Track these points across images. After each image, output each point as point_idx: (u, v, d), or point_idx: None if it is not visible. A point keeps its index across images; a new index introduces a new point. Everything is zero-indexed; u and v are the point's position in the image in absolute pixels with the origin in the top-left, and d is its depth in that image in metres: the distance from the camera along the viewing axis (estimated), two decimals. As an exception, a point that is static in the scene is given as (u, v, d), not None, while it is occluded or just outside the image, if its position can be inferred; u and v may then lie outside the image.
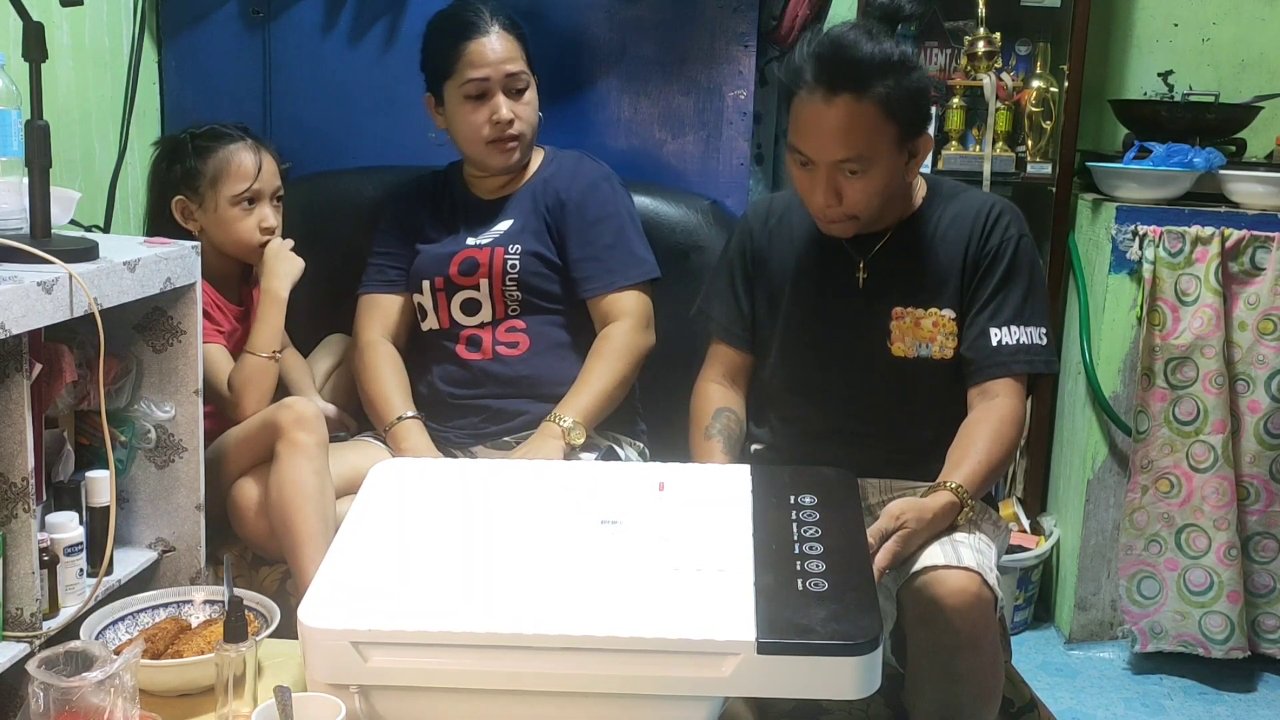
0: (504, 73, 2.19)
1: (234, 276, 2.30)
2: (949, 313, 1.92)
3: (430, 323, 2.29)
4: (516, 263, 2.23)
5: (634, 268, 2.25)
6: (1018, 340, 1.89)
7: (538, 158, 2.33)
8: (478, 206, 2.32)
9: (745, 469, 1.72)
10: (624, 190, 2.34)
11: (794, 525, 1.57)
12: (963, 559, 1.69)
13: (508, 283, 2.23)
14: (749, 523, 1.57)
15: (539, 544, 1.54)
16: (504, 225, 2.27)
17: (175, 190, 2.23)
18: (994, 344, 1.89)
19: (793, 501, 1.62)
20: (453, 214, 2.33)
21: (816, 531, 1.55)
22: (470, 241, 2.27)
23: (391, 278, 2.34)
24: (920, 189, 1.98)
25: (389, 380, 2.24)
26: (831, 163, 1.81)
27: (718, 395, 2.06)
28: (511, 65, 2.20)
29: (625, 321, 2.21)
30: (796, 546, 1.52)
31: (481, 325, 2.26)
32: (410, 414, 2.20)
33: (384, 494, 1.68)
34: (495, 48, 2.19)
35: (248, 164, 2.20)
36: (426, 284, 2.27)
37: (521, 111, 2.22)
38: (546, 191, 2.28)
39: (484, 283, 2.24)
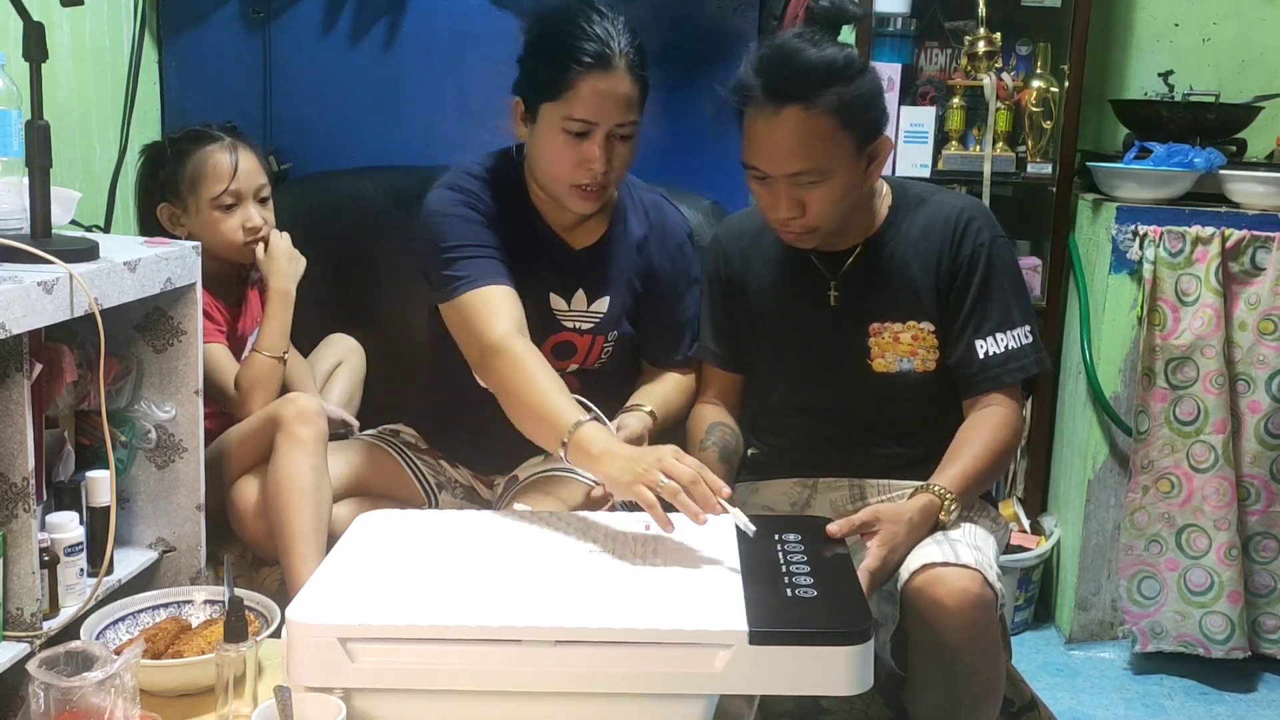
0: (616, 121, 1.90)
1: (230, 278, 2.29)
2: (928, 326, 1.91)
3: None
4: (611, 349, 2.09)
5: (693, 344, 2.12)
6: (1005, 347, 1.88)
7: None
8: (564, 256, 2.05)
9: (729, 519, 1.70)
10: (696, 253, 2.16)
11: (780, 554, 1.57)
12: (961, 557, 1.69)
13: (597, 366, 2.10)
14: (735, 553, 1.56)
15: (529, 562, 1.54)
16: (602, 305, 2.06)
17: (160, 197, 2.23)
18: (981, 357, 1.88)
19: (778, 539, 1.62)
20: (534, 257, 2.02)
21: (803, 558, 1.56)
22: (562, 315, 2.04)
23: (505, 271, 1.94)
24: (885, 199, 1.95)
25: (546, 381, 1.79)
26: (787, 176, 1.79)
27: (710, 413, 2.06)
28: (627, 114, 1.90)
29: (689, 382, 2.12)
30: (784, 568, 1.53)
31: None
32: (588, 417, 1.73)
33: (367, 540, 1.65)
34: (619, 92, 1.88)
35: (224, 165, 2.19)
36: None
37: (619, 160, 1.94)
38: (640, 263, 2.09)
39: (575, 365, 2.07)
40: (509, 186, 2.02)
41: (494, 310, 1.88)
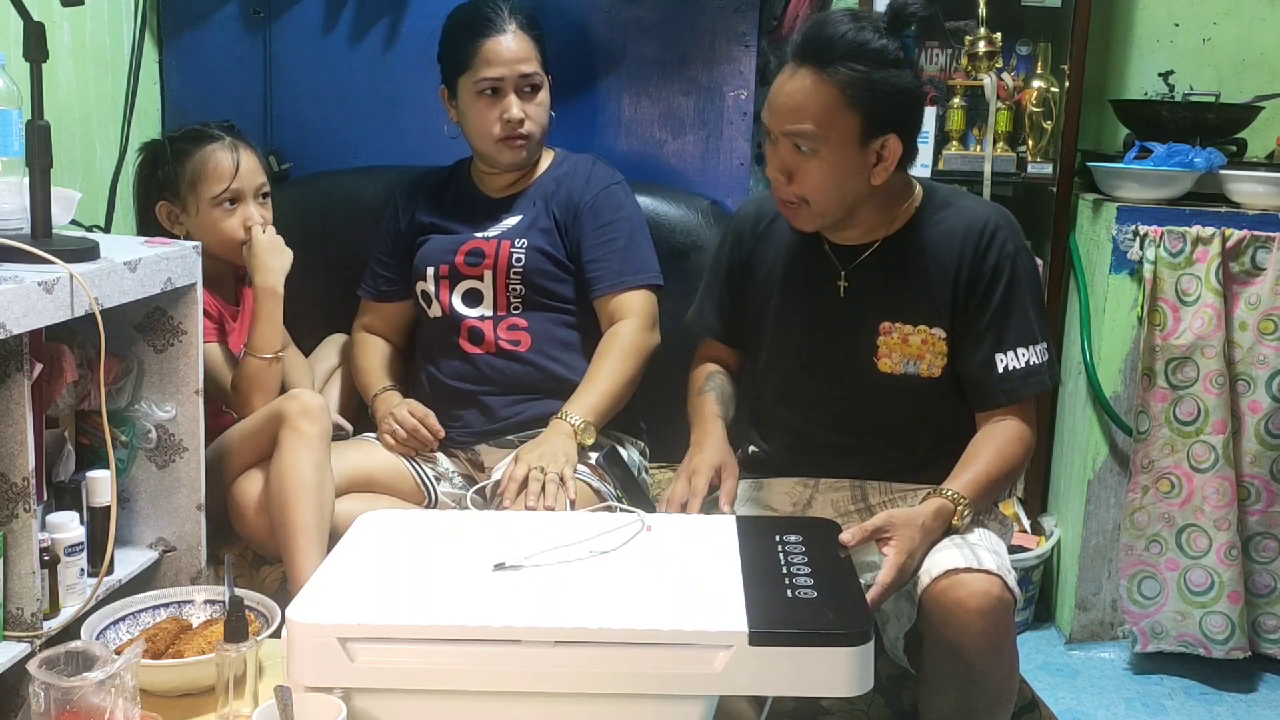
0: (518, 73, 2.22)
1: (229, 277, 2.29)
2: (939, 332, 1.88)
3: (435, 310, 2.30)
4: (522, 256, 2.25)
5: (643, 270, 2.28)
6: (1026, 362, 1.86)
7: (547, 158, 2.36)
8: (486, 204, 2.34)
9: (731, 519, 1.70)
10: (634, 197, 2.37)
11: (780, 555, 1.57)
12: (983, 562, 1.67)
13: (511, 275, 2.25)
14: (735, 554, 1.57)
15: (531, 561, 1.54)
16: (512, 220, 2.30)
17: (159, 196, 2.22)
18: (1000, 371, 1.86)
19: (778, 540, 1.62)
20: (459, 210, 2.34)
21: (804, 559, 1.56)
22: (477, 235, 2.30)
23: (383, 289, 2.39)
24: (915, 199, 1.92)
25: (372, 360, 2.38)
26: (782, 133, 1.80)
27: (710, 367, 2.12)
28: (526, 66, 2.23)
29: (632, 320, 2.24)
30: (784, 568, 1.53)
31: (482, 319, 2.26)
32: (388, 386, 2.32)
33: (368, 540, 1.66)
34: (511, 47, 2.22)
35: (224, 164, 2.19)
36: (431, 270, 2.29)
37: (532, 112, 2.24)
38: (559, 194, 2.30)
39: (488, 274, 2.26)
40: (455, 170, 2.42)
41: (364, 314, 2.44)
